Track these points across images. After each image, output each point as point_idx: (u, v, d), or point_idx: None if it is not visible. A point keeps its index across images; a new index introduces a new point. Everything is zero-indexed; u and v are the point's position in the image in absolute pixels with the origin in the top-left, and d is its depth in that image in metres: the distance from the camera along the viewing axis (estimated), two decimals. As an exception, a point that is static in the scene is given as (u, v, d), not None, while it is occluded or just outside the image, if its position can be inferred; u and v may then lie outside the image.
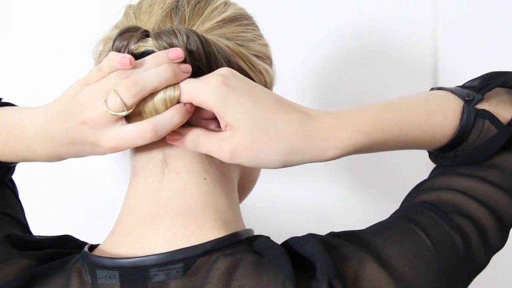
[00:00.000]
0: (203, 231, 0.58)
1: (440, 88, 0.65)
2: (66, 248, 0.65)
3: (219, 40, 0.61)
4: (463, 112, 0.61)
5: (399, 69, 1.16)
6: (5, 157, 0.68)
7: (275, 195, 1.15)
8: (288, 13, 1.13)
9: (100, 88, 0.57)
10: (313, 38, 1.14)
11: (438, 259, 0.57)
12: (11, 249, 0.62)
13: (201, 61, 0.58)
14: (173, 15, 0.62)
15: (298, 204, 1.16)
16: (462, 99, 0.62)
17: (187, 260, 0.56)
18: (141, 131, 0.56)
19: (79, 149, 0.60)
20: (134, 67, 0.57)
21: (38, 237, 0.67)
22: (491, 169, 0.62)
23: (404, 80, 1.16)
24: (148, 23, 0.62)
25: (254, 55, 0.63)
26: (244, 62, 0.62)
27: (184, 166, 0.60)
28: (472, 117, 0.61)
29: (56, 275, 0.59)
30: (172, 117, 0.57)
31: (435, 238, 0.58)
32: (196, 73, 0.58)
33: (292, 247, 0.59)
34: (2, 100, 0.72)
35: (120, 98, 0.55)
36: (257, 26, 0.67)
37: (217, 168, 0.62)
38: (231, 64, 0.61)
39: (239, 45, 0.62)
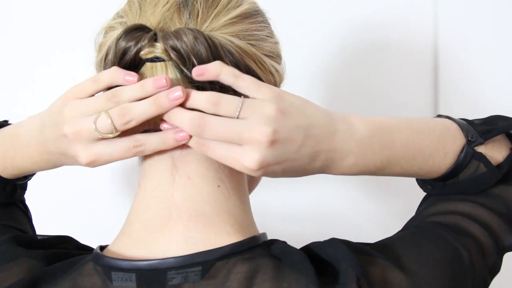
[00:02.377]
0: (219, 236, 0.58)
1: (449, 118, 0.68)
2: (67, 249, 0.65)
3: (230, 40, 0.59)
4: (461, 151, 0.65)
5: (402, 65, 1.16)
6: (7, 171, 0.69)
7: (283, 198, 1.15)
8: (290, 11, 1.13)
9: (86, 107, 0.58)
10: (317, 35, 1.14)
11: (449, 268, 0.60)
12: (17, 248, 0.61)
13: None
14: (182, 8, 0.59)
15: (306, 207, 1.16)
16: (465, 138, 0.65)
17: (206, 264, 0.55)
18: (127, 147, 0.58)
19: (67, 160, 0.62)
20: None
21: (41, 237, 0.66)
22: (489, 197, 0.66)
23: (407, 76, 1.16)
24: (153, 16, 0.59)
25: (265, 54, 0.62)
26: (255, 62, 0.60)
27: (196, 171, 0.60)
28: (469, 158, 0.65)
29: (64, 277, 0.58)
30: (162, 141, 0.58)
31: (447, 250, 0.61)
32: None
33: (313, 251, 0.59)
34: (9, 122, 0.74)
35: (112, 121, 0.56)
36: (269, 23, 0.65)
37: (231, 176, 0.61)
38: (239, 67, 0.59)
39: (252, 45, 0.60)
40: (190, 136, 0.57)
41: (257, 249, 0.57)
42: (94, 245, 0.62)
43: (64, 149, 0.60)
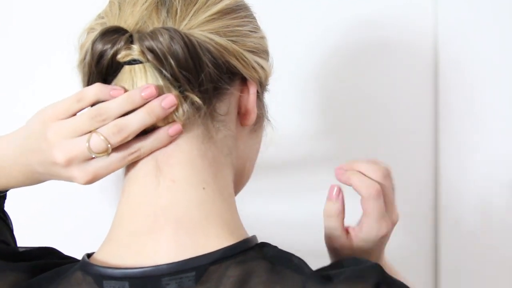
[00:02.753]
0: (210, 239, 0.57)
1: None
2: (51, 259, 0.64)
3: (209, 37, 0.57)
4: None
5: (402, 65, 1.16)
6: None
7: (283, 202, 1.15)
8: (288, 10, 1.13)
9: (70, 128, 0.57)
10: (315, 34, 1.14)
11: None
12: None
13: (188, 67, 0.55)
14: (160, 7, 0.57)
15: (306, 212, 1.15)
16: None
17: (199, 269, 0.55)
18: (122, 156, 0.58)
19: (58, 179, 0.61)
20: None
21: (23, 249, 0.65)
22: None
23: (407, 76, 1.16)
24: (131, 16, 0.57)
25: (247, 50, 0.60)
26: (236, 59, 0.59)
27: (181, 174, 0.58)
28: None
29: (51, 287, 0.57)
30: (157, 141, 0.58)
31: None
32: (183, 79, 0.56)
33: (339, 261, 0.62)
34: None
35: (107, 140, 0.56)
36: (254, 17, 0.63)
37: (216, 178, 0.60)
38: (218, 64, 0.58)
39: (233, 41, 0.58)
40: (181, 129, 0.58)
41: (250, 252, 0.57)
42: (84, 251, 0.61)
43: (57, 173, 0.59)
